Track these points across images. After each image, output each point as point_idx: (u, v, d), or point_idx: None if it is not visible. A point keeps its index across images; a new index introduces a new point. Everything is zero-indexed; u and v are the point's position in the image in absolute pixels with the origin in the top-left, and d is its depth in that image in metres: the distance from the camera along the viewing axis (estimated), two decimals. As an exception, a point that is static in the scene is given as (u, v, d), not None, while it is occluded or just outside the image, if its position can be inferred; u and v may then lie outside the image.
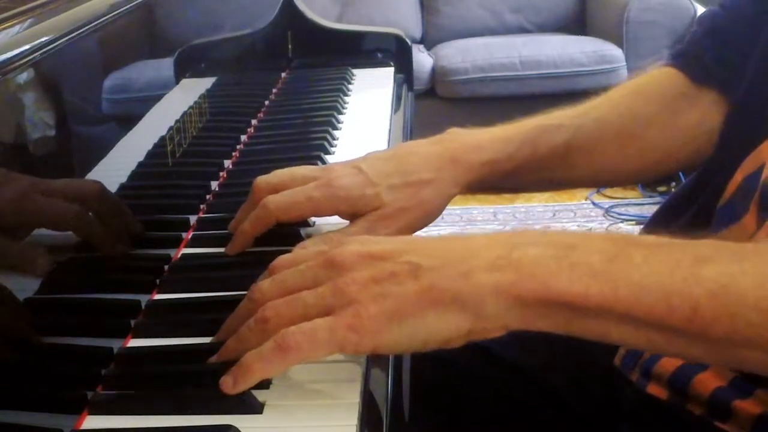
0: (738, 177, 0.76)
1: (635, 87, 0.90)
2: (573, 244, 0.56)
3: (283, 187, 0.77)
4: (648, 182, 0.91)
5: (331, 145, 1.06)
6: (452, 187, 0.80)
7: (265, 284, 0.60)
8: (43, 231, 0.63)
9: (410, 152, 0.82)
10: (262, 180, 0.78)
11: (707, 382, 0.72)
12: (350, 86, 1.34)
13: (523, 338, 0.88)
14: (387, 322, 0.54)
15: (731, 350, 0.54)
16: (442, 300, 0.55)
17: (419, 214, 0.78)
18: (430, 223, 0.81)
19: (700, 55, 0.87)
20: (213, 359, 0.60)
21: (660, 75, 0.90)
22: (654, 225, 0.90)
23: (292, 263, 0.61)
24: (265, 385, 0.58)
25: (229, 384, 0.56)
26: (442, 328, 0.55)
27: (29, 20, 0.64)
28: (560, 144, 0.84)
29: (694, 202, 0.84)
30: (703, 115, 0.86)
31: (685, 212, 0.85)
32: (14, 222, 0.60)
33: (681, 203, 0.87)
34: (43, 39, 0.63)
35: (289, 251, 0.74)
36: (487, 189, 0.87)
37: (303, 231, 0.80)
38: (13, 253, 0.58)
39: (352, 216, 0.78)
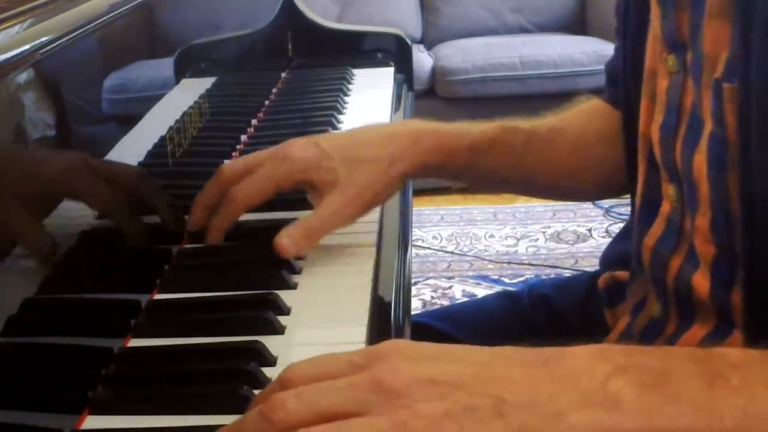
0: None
1: (581, 108, 0.94)
2: (665, 369, 0.49)
3: (248, 171, 0.78)
4: (613, 196, 0.93)
5: (331, 145, 1.05)
6: (408, 165, 0.81)
7: (289, 401, 0.45)
8: (53, 228, 0.63)
9: (370, 131, 0.85)
10: (227, 165, 0.80)
11: None
12: (350, 86, 1.34)
13: (514, 346, 0.89)
14: None
15: None
16: None
17: (380, 189, 0.80)
18: (390, 197, 0.83)
19: (613, 97, 0.90)
20: None
21: (598, 103, 0.93)
22: (617, 245, 0.92)
23: (317, 376, 0.48)
24: (265, 384, 0.58)
25: None
26: None
27: (29, 20, 0.64)
28: (518, 144, 0.87)
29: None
30: None
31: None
32: (57, 189, 0.64)
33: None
34: (43, 39, 0.63)
35: (292, 219, 0.76)
36: (444, 176, 0.88)
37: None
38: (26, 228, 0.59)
39: (312, 188, 0.79)
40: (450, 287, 2.55)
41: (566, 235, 2.85)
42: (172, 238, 0.80)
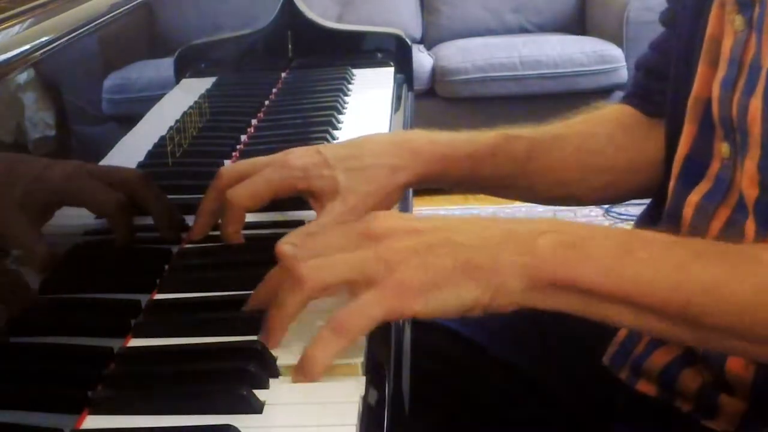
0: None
1: (590, 114, 0.93)
2: (589, 235, 0.62)
3: (246, 175, 0.78)
4: (616, 203, 0.93)
5: (331, 145, 1.05)
6: (410, 175, 0.82)
7: (307, 237, 0.63)
8: (52, 228, 0.63)
9: (371, 141, 0.85)
10: (226, 169, 0.80)
11: (695, 377, 0.73)
12: (350, 86, 1.34)
13: (516, 338, 0.89)
14: (426, 292, 0.59)
15: (719, 339, 0.62)
16: (473, 275, 0.60)
17: (381, 198, 0.81)
18: (391, 207, 0.83)
19: (647, 95, 0.90)
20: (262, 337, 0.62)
21: (615, 107, 0.93)
22: None
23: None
24: (265, 384, 0.58)
25: (300, 378, 0.59)
26: (467, 299, 0.60)
27: (29, 20, 0.64)
28: (519, 152, 0.87)
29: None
30: (660, 143, 0.87)
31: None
32: (58, 198, 0.65)
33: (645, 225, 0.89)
34: (43, 39, 0.63)
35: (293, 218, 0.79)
36: (445, 185, 0.88)
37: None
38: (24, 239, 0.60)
39: (311, 195, 0.80)
40: (450, 287, 2.55)
41: (566, 235, 2.85)
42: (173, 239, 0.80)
